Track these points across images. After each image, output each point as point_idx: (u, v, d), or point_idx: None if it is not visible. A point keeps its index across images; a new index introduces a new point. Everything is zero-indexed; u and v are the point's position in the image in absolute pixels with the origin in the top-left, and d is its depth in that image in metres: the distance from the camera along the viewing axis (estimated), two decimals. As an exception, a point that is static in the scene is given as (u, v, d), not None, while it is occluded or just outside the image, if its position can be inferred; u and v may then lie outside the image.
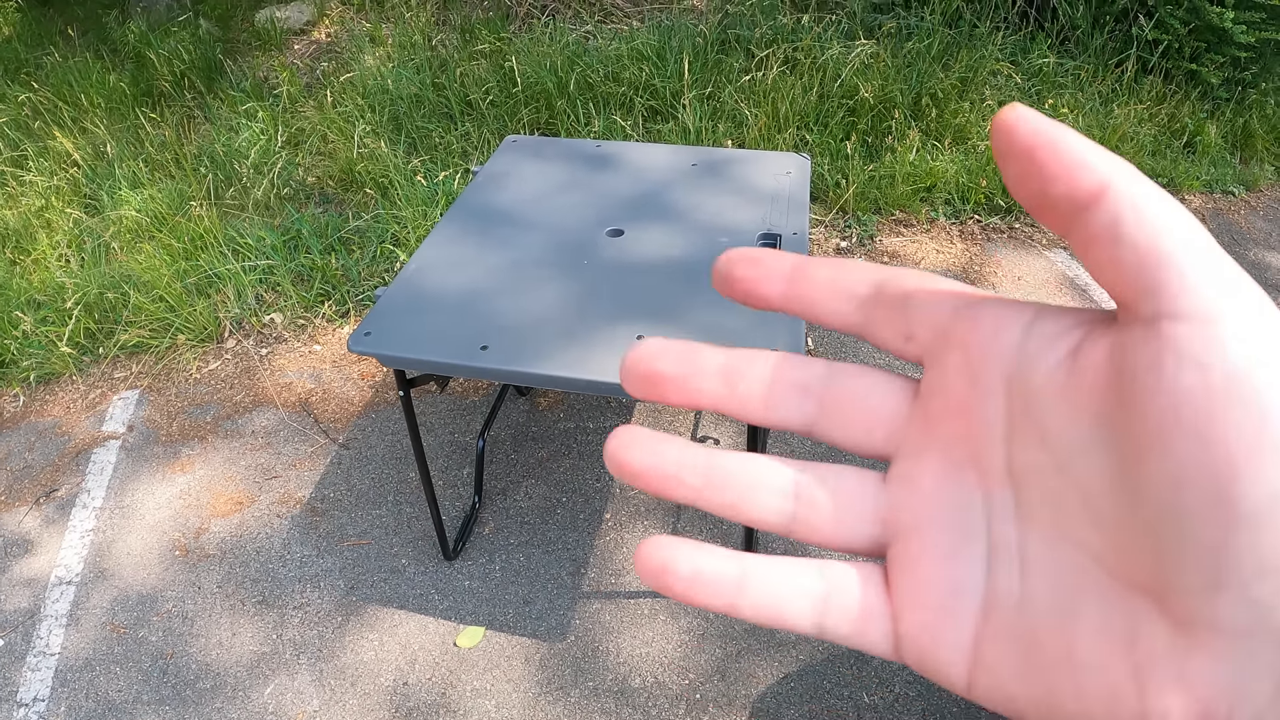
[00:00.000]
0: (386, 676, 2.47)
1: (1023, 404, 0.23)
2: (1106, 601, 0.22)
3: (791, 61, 4.80)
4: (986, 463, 0.24)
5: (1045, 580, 0.23)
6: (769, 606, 0.26)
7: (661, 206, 2.56)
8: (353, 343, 2.04)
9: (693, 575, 0.26)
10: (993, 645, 0.24)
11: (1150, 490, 0.20)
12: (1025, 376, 0.23)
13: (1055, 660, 0.22)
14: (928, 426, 0.26)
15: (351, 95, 4.96)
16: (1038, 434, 0.23)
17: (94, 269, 3.92)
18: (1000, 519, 0.24)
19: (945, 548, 0.25)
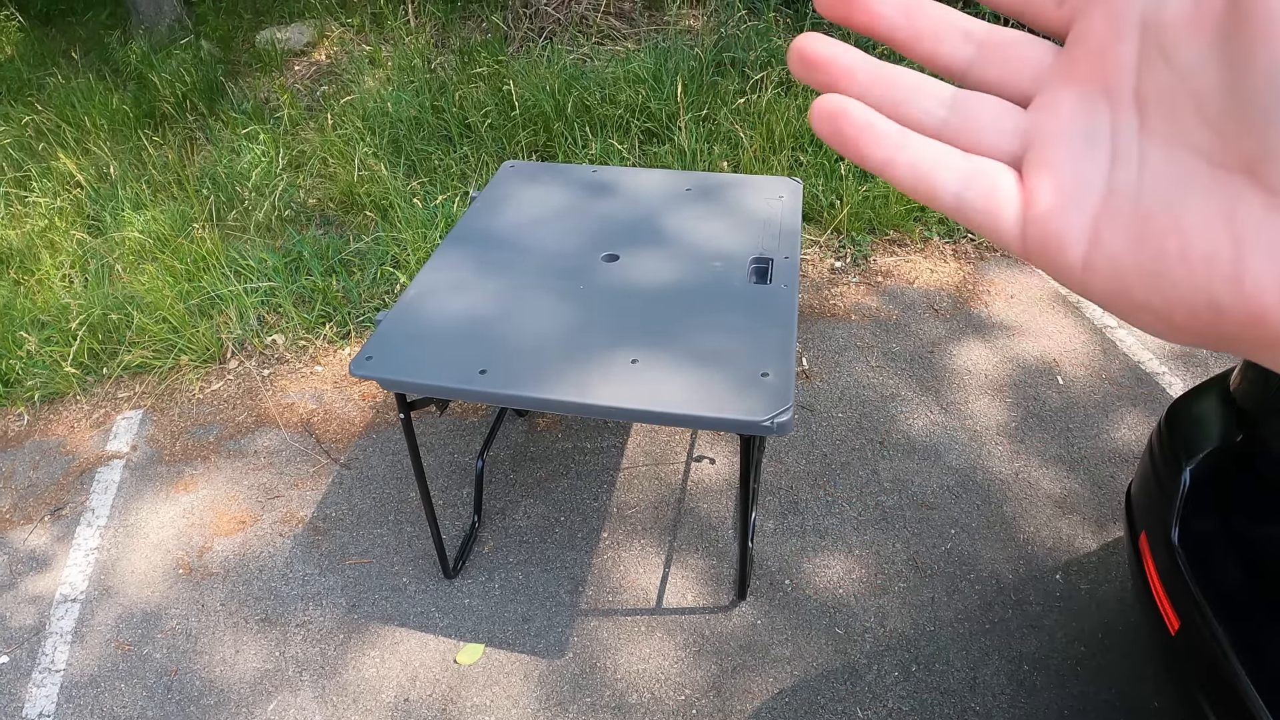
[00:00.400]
0: (388, 693, 2.51)
1: (1154, 37, 0.26)
2: (1213, 184, 0.25)
3: (786, 83, 4.87)
4: (1118, 90, 0.27)
5: (1160, 174, 0.26)
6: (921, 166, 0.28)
7: (656, 232, 2.62)
8: (354, 367, 2.09)
9: (864, 123, 0.29)
10: (1110, 224, 0.26)
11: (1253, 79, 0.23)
12: (1158, 13, 0.26)
13: (1164, 230, 0.25)
14: (1070, 68, 0.28)
15: (351, 118, 5.02)
16: (1164, 60, 0.26)
17: (98, 289, 3.97)
18: (1125, 133, 0.27)
19: (1074, 151, 0.27)
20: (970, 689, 2.46)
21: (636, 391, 1.98)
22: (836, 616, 2.66)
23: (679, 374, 2.03)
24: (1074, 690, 2.45)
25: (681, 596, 2.73)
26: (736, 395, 1.96)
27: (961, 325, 3.80)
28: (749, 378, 2.01)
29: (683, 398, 1.96)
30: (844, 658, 2.55)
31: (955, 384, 3.48)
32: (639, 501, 3.03)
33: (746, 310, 2.25)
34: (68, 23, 7.57)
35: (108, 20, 7.32)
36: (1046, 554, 2.82)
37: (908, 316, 3.86)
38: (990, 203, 0.28)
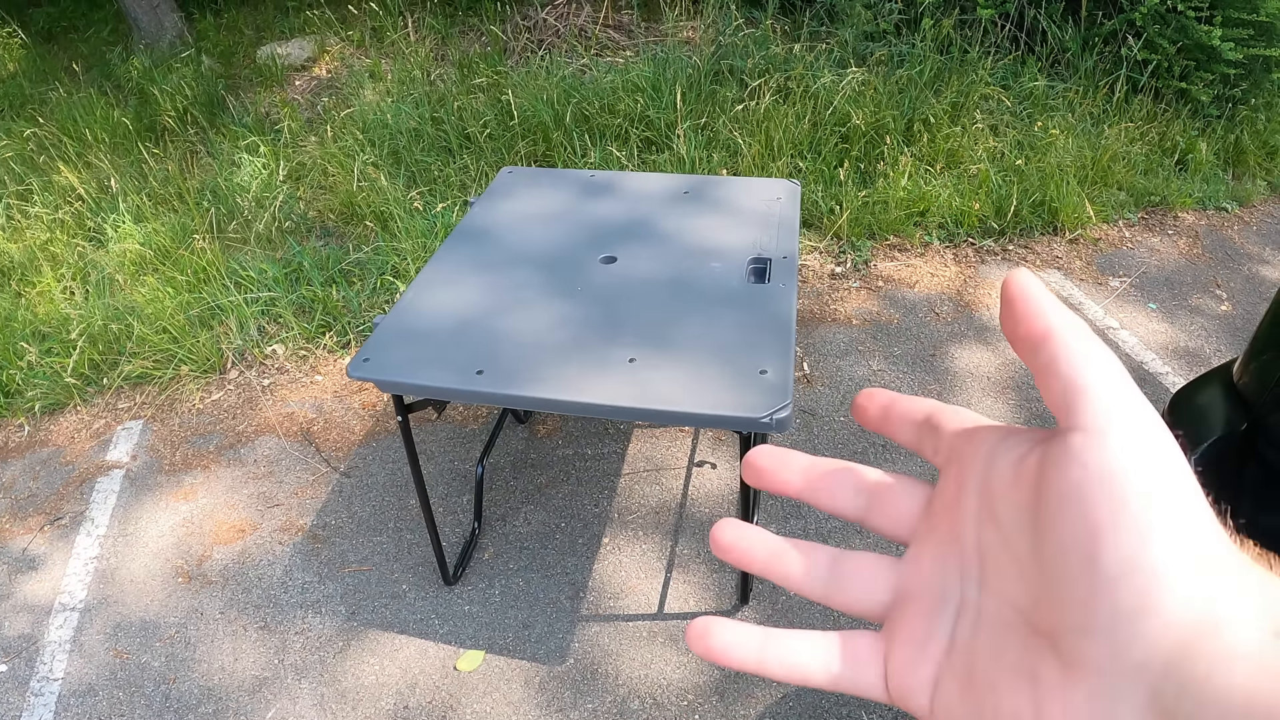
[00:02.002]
0: (387, 700, 2.49)
1: (986, 498, 0.31)
2: (1023, 645, 0.29)
3: (784, 90, 4.87)
4: (964, 545, 0.32)
5: (990, 629, 0.30)
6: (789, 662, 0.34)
7: (654, 233, 2.61)
8: (352, 369, 2.08)
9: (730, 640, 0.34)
10: (947, 678, 0.31)
11: (1049, 556, 0.28)
12: (989, 477, 0.31)
13: (984, 687, 0.29)
14: (931, 521, 0.34)
15: (351, 129, 5.04)
16: (994, 520, 0.31)
17: (98, 301, 3.97)
18: (969, 585, 0.32)
19: (928, 608, 0.33)
20: (975, 691, 2.43)
21: (635, 390, 1.97)
22: (840, 620, 2.64)
23: (677, 372, 2.02)
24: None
25: (683, 601, 2.71)
26: (735, 392, 1.94)
27: (963, 328, 3.79)
28: (747, 375, 1.99)
29: (681, 396, 1.94)
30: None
31: (958, 387, 3.46)
32: (640, 507, 3.02)
33: (745, 309, 2.23)
34: (69, 39, 7.62)
35: (109, 36, 7.36)
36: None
37: (909, 320, 3.85)
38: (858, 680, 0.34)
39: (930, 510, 0.35)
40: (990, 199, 4.48)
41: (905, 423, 0.36)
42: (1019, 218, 4.46)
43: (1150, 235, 4.59)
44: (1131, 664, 0.25)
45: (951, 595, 0.32)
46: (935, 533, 0.34)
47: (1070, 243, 4.47)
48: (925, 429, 0.35)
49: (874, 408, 0.37)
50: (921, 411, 0.36)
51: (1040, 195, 4.51)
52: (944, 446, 0.34)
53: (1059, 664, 0.27)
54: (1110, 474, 0.26)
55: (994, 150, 4.75)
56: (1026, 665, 0.28)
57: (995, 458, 0.31)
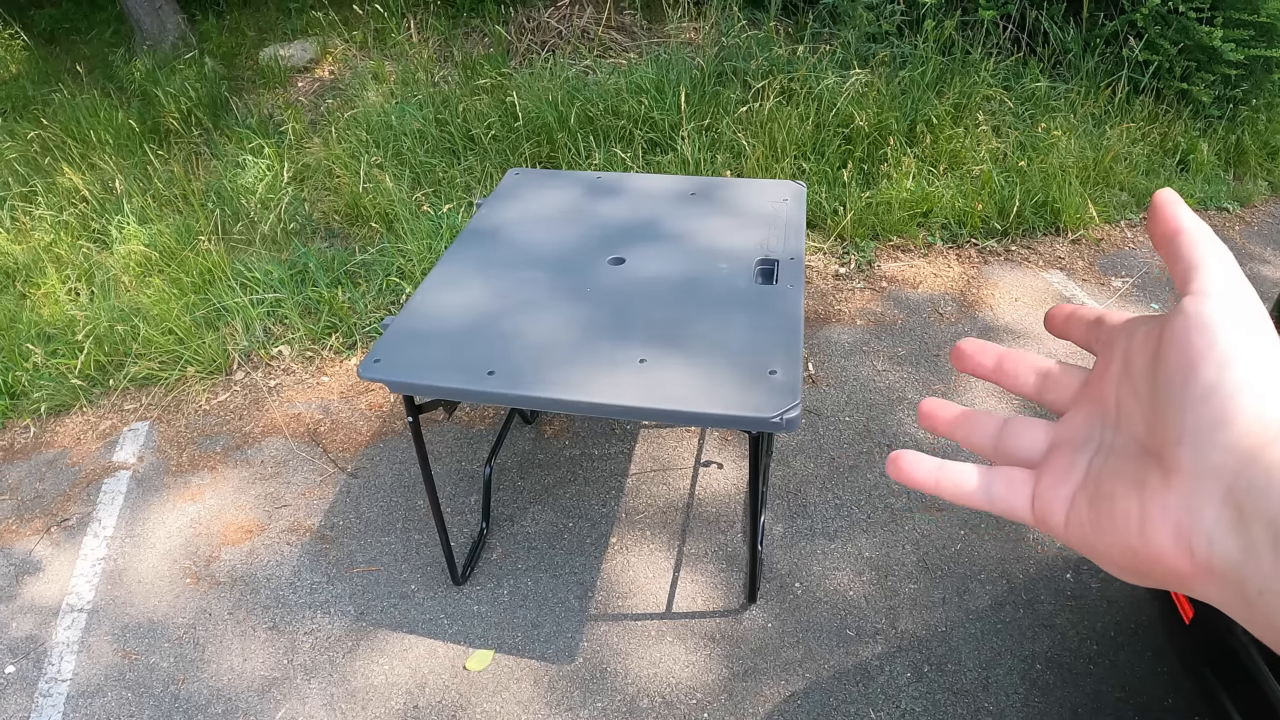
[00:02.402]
0: (397, 700, 2.50)
1: (1126, 362, 0.38)
2: (1137, 463, 0.35)
3: (788, 92, 4.88)
4: (1108, 402, 0.39)
5: (1115, 459, 0.37)
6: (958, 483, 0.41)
7: (661, 234, 2.62)
8: (363, 369, 2.09)
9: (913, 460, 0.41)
10: (1080, 497, 0.37)
11: (1160, 387, 0.34)
12: (1129, 347, 0.38)
13: (1104, 498, 0.36)
14: (1087, 390, 0.41)
15: (355, 131, 5.04)
16: (1129, 376, 0.38)
17: (103, 302, 3.98)
18: (1108, 429, 0.38)
19: (1074, 449, 0.39)
20: (983, 689, 2.44)
21: (645, 390, 1.97)
22: (847, 619, 2.65)
23: (687, 373, 2.02)
24: (1087, 689, 2.43)
25: (691, 600, 2.72)
26: (745, 393, 1.95)
27: (967, 328, 3.80)
28: (757, 376, 2.00)
29: (691, 396, 1.95)
30: (856, 659, 2.54)
31: (962, 386, 3.47)
32: (647, 507, 3.03)
33: (753, 310, 2.24)
34: (71, 41, 7.62)
35: (111, 38, 7.37)
36: (1057, 553, 2.80)
37: (913, 320, 3.86)
38: (1010, 501, 0.40)
39: (1087, 384, 0.41)
40: (993, 200, 4.49)
41: (1081, 325, 0.43)
42: (1021, 218, 4.47)
43: (1152, 236, 4.60)
44: (1211, 467, 0.31)
45: (1094, 439, 0.39)
46: (1088, 398, 0.40)
47: (1073, 243, 4.48)
48: (1093, 326, 0.42)
49: (1060, 316, 0.45)
50: (1094, 315, 0.43)
51: (1043, 196, 4.52)
52: (1103, 336, 0.41)
53: (1161, 472, 0.33)
54: (1208, 319, 0.33)
55: (996, 151, 4.76)
56: (1138, 477, 0.34)
57: (1135, 332, 0.38)
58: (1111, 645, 2.54)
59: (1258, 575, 0.29)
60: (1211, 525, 0.31)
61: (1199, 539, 0.31)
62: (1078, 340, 0.44)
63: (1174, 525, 0.32)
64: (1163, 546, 0.32)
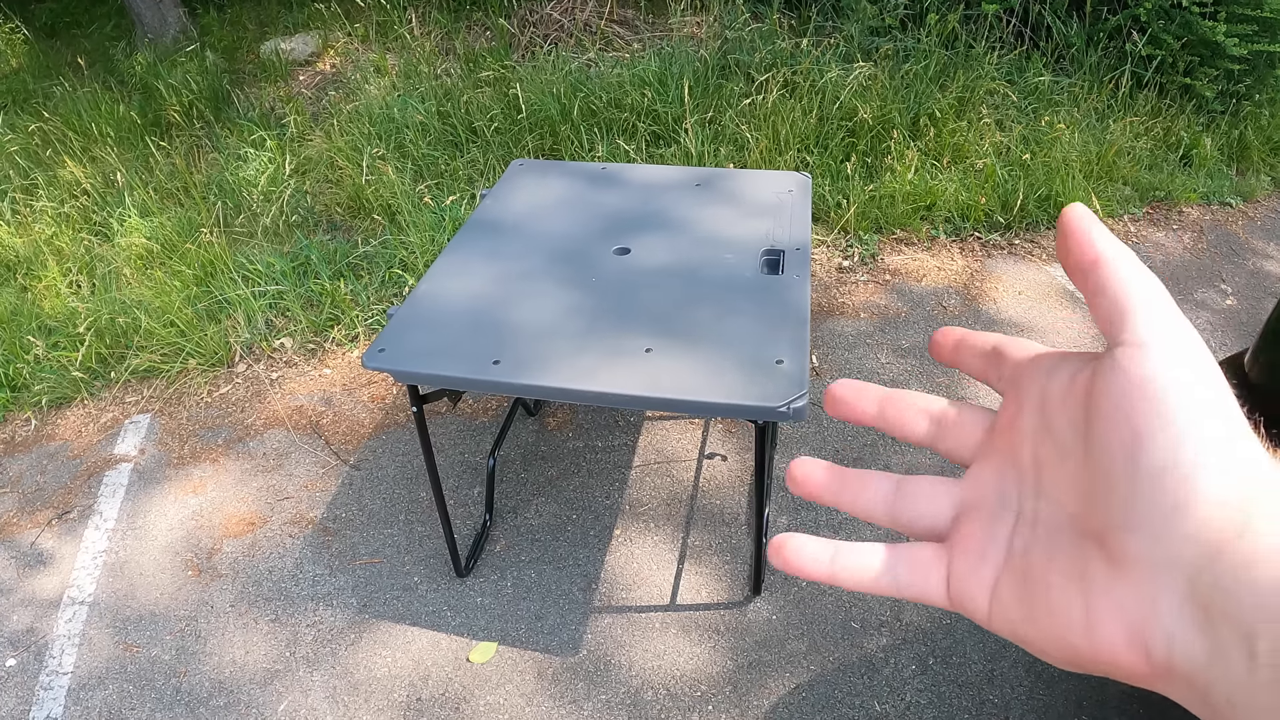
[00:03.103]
0: (400, 692, 2.49)
1: (1044, 413, 0.33)
2: (1074, 547, 0.31)
3: (791, 85, 4.87)
4: (1022, 459, 0.34)
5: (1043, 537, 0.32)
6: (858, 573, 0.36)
7: (667, 225, 2.61)
8: (367, 359, 2.08)
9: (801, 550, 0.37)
10: (1005, 582, 0.33)
11: (1096, 460, 0.30)
12: (1047, 394, 0.34)
13: (1038, 588, 0.32)
14: (993, 440, 0.37)
15: (358, 123, 5.03)
16: (1049, 433, 0.33)
17: (105, 295, 3.97)
18: (1026, 494, 0.34)
19: (987, 518, 0.35)
20: (988, 681, 2.43)
21: (652, 380, 1.96)
22: (852, 611, 2.64)
23: (694, 362, 2.01)
24: (1092, 680, 2.42)
25: (696, 593, 2.71)
26: (752, 382, 1.94)
27: (970, 321, 3.78)
28: (764, 365, 1.99)
29: (698, 385, 1.94)
30: (860, 652, 2.53)
31: (966, 379, 3.46)
32: (651, 499, 3.01)
33: (759, 300, 2.23)
34: (72, 35, 7.60)
35: (112, 32, 7.35)
36: (1062, 547, 2.79)
37: (916, 313, 3.85)
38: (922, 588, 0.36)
39: (992, 432, 0.37)
40: (996, 193, 4.48)
41: (974, 354, 0.39)
42: (1025, 212, 4.46)
43: (1155, 230, 4.59)
44: (1170, 558, 0.27)
45: (1010, 505, 0.34)
46: (996, 451, 0.36)
47: (1077, 237, 4.47)
48: (991, 358, 0.38)
49: (948, 343, 0.40)
50: (989, 343, 0.38)
51: (1046, 190, 4.51)
52: (1007, 372, 0.37)
53: (1106, 561, 0.29)
54: (1151, 382, 0.29)
55: (999, 145, 4.75)
56: (1077, 565, 0.30)
57: (1052, 377, 0.34)
58: (1117, 638, 2.53)
59: (1225, 683, 0.26)
60: (1172, 623, 0.27)
61: (1157, 637, 0.28)
62: (972, 372, 0.39)
63: (1127, 623, 0.28)
64: (1113, 645, 0.29)
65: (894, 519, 0.38)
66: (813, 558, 0.37)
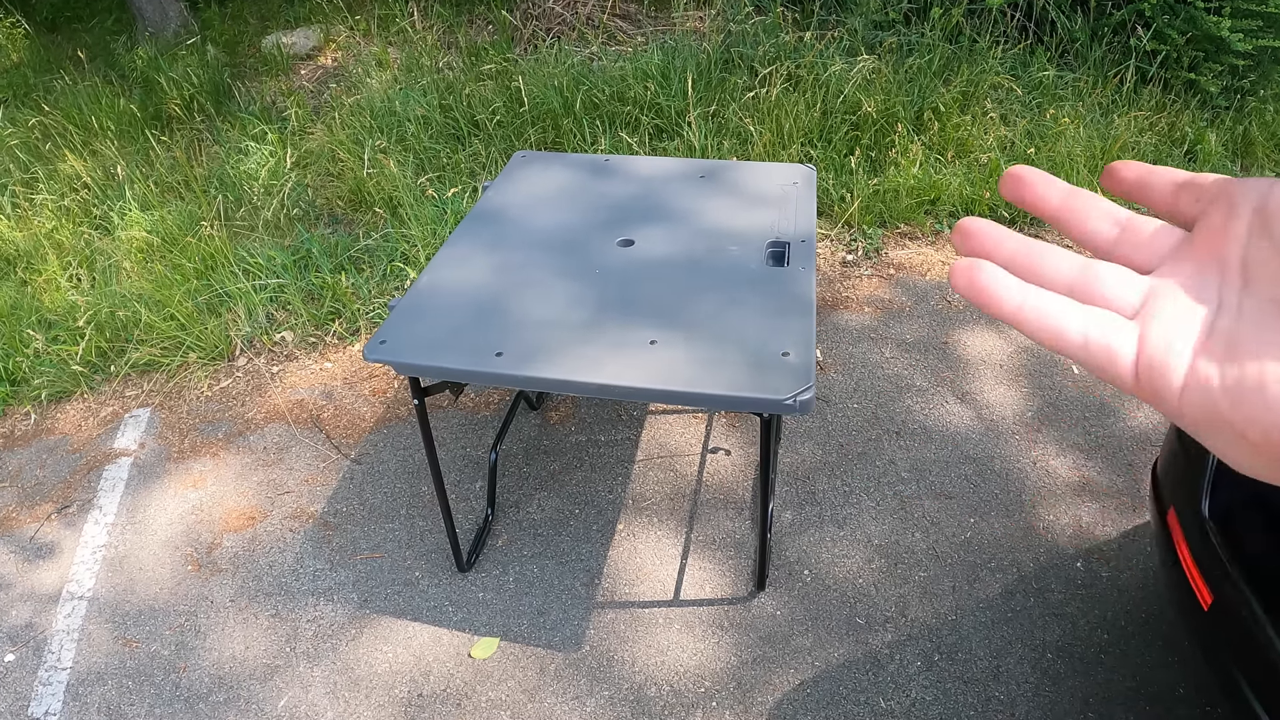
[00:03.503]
0: (401, 688, 2.47)
1: (1261, 219, 0.32)
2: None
3: (794, 79, 4.84)
4: (1228, 260, 0.32)
5: (1251, 320, 0.30)
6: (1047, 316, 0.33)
7: (670, 217, 2.59)
8: (368, 351, 2.06)
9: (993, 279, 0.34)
10: (1205, 357, 0.31)
11: None
12: (1267, 203, 0.32)
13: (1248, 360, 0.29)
14: (1191, 247, 0.34)
15: (359, 117, 5.01)
16: (1267, 235, 0.31)
17: (105, 288, 3.95)
18: (1230, 290, 0.32)
19: (1184, 300, 0.33)
20: (994, 678, 2.41)
21: (656, 372, 1.94)
22: (857, 606, 2.62)
23: (699, 355, 1.99)
24: (1098, 678, 2.40)
25: (699, 588, 2.69)
26: (758, 375, 1.92)
27: (975, 315, 3.76)
28: (770, 358, 1.97)
29: (703, 377, 1.92)
30: (865, 648, 2.51)
31: (970, 374, 3.44)
32: (654, 493, 3.00)
33: (764, 293, 2.21)
34: (73, 29, 7.58)
35: (113, 26, 7.33)
36: (1067, 541, 2.77)
37: (921, 307, 3.83)
38: (1110, 345, 0.32)
39: (1188, 244, 0.34)
40: (1001, 188, 4.45)
41: (1165, 182, 0.36)
42: (1030, 207, 4.43)
43: (1161, 225, 4.57)
44: None
45: (1209, 297, 0.32)
46: (1193, 255, 0.34)
47: (1081, 232, 4.45)
48: (1185, 187, 0.35)
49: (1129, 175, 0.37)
50: (1181, 176, 0.36)
51: (1051, 184, 4.47)
52: (1208, 193, 0.34)
53: None
54: None
55: (1004, 139, 4.72)
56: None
57: (1275, 190, 0.32)
58: (1122, 634, 2.51)
59: None
60: None
61: None
62: (1158, 202, 0.36)
63: None
64: None
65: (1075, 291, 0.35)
66: (1003, 289, 0.34)
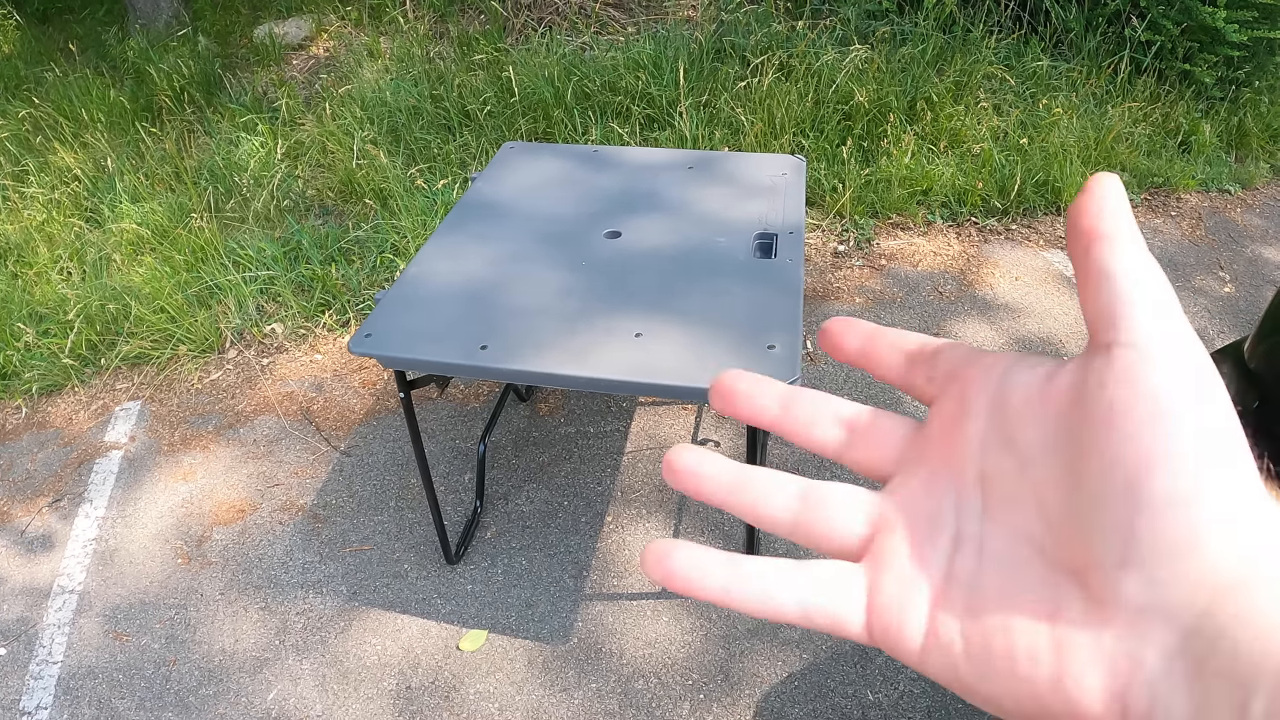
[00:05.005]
0: (390, 680, 2.47)
1: (1000, 420, 0.28)
2: (1041, 583, 0.26)
3: (786, 68, 4.83)
4: (963, 472, 0.29)
5: (996, 565, 0.27)
6: (757, 590, 0.29)
7: (658, 208, 2.58)
8: (353, 344, 2.05)
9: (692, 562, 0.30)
10: (945, 614, 0.28)
11: (1086, 481, 0.25)
12: (1005, 397, 0.28)
13: (994, 625, 0.26)
14: (923, 449, 0.31)
15: (350, 107, 4.99)
16: (1008, 443, 0.28)
17: (95, 281, 3.93)
18: (968, 516, 0.29)
19: (918, 537, 0.29)
20: (982, 669, 2.42)
21: (642, 365, 1.94)
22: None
23: (685, 347, 1.99)
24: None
25: (687, 580, 2.69)
26: (744, 367, 1.91)
27: (966, 306, 3.76)
28: (756, 350, 1.97)
29: (689, 369, 1.92)
30: (853, 640, 2.51)
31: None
32: (643, 485, 3.00)
33: (751, 284, 2.21)
34: (64, 20, 7.54)
35: (105, 17, 7.29)
36: (1057, 534, 2.77)
37: (912, 298, 3.83)
38: (832, 612, 0.29)
39: (920, 439, 0.31)
40: (993, 178, 4.45)
41: (894, 351, 0.33)
42: (1022, 197, 4.43)
43: (1154, 216, 4.57)
44: (1168, 603, 0.24)
45: (946, 526, 0.29)
46: (926, 462, 0.30)
47: (1074, 222, 4.44)
48: (918, 358, 0.32)
49: (856, 336, 0.34)
50: (914, 341, 0.33)
51: (1043, 175, 4.48)
52: (942, 373, 0.31)
53: (1085, 600, 0.25)
54: (1161, 396, 0.25)
55: (997, 129, 4.71)
56: (1046, 601, 0.26)
57: (1012, 378, 0.29)
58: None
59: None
60: (1158, 676, 0.23)
61: (1138, 696, 0.24)
62: (888, 373, 0.33)
63: (1108, 676, 0.24)
64: (1086, 704, 0.24)
65: (796, 531, 0.32)
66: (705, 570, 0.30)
